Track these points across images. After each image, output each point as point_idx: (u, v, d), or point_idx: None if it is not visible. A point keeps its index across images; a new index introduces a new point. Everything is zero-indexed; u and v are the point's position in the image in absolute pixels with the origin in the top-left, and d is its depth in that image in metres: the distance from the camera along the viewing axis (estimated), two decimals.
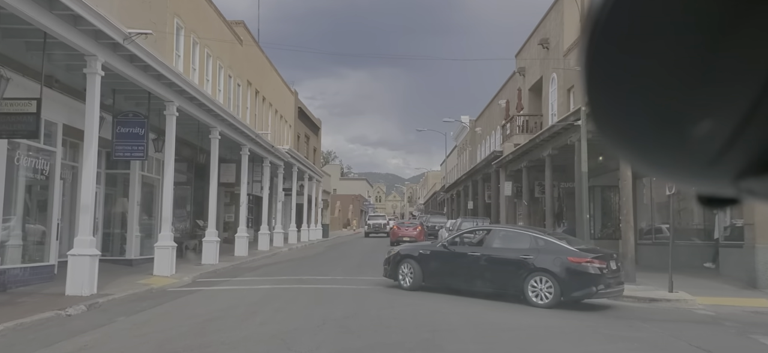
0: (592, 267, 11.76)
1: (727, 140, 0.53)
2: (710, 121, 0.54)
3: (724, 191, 0.60)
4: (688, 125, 0.55)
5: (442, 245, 14.66)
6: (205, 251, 20.32)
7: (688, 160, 0.58)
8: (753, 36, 0.49)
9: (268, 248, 28.05)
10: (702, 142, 0.55)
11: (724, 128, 0.53)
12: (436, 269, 13.92)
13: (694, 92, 0.53)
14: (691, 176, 0.61)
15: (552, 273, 11.93)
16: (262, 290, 14.09)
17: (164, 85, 15.89)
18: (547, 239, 12.95)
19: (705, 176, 0.59)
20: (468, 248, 13.98)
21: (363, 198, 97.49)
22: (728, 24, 0.49)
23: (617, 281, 12.32)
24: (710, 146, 0.54)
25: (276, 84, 41.31)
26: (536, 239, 12.89)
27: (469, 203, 42.38)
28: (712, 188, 0.62)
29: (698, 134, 0.54)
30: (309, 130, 54.28)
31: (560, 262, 11.97)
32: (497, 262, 12.84)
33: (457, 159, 64.28)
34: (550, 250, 12.33)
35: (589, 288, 11.75)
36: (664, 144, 0.58)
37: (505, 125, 35.09)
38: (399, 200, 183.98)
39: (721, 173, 0.57)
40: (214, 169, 21.13)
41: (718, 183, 0.59)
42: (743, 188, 0.58)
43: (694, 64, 0.52)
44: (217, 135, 20.94)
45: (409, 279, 14.02)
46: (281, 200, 32.58)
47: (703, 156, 0.56)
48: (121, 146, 16.48)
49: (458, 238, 15.03)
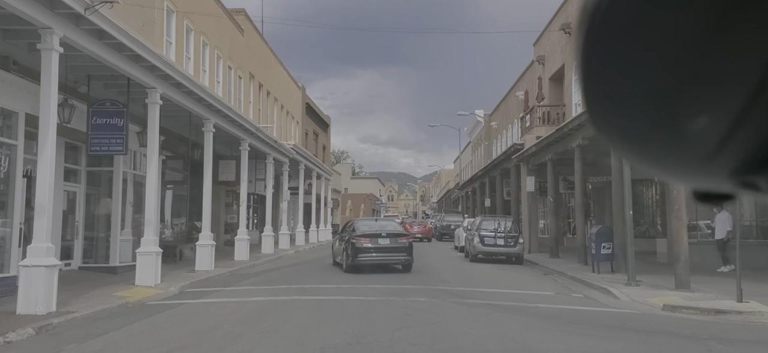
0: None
1: (723, 136, 0.53)
2: (706, 117, 0.54)
3: (721, 187, 0.60)
4: (684, 122, 0.55)
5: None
6: (199, 257, 18.34)
7: (685, 156, 0.58)
8: (748, 31, 0.49)
9: (272, 252, 26.06)
10: (698, 138, 0.55)
11: (720, 124, 0.53)
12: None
13: (690, 88, 0.53)
14: (688, 172, 0.61)
15: None
16: (255, 303, 12.06)
17: (144, 68, 13.90)
18: None
19: (701, 172, 0.59)
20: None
21: (375, 197, 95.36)
22: (724, 19, 0.49)
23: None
24: (707, 142, 0.54)
25: (281, 78, 39.34)
26: None
27: (486, 201, 40.15)
28: (709, 184, 0.62)
29: (695, 130, 0.54)
30: (318, 127, 52.28)
31: None
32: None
33: (471, 155, 62.05)
34: None
35: None
36: (661, 140, 0.58)
37: (525, 117, 32.91)
38: (411, 198, 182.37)
39: (717, 168, 0.57)
40: (208, 165, 19.16)
41: (715, 179, 0.59)
42: (739, 184, 0.58)
43: (690, 61, 0.51)
44: (212, 128, 18.96)
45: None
46: (287, 200, 30.61)
47: (699, 152, 0.56)
48: (97, 139, 14.53)
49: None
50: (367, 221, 20.46)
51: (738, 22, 0.49)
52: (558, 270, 19.14)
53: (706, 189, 0.63)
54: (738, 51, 0.50)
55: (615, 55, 0.55)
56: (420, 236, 40.05)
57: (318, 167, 38.90)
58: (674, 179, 0.66)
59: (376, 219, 22.43)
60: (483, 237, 21.78)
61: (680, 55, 0.52)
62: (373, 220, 21.91)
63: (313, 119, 50.18)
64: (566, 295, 13.99)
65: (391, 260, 18.02)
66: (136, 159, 18.63)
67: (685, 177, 0.63)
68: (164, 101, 15.30)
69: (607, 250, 17.44)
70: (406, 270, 18.15)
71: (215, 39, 25.59)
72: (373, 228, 18.56)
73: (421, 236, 40.26)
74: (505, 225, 21.94)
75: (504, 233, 21.72)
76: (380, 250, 17.82)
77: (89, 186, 17.37)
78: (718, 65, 0.51)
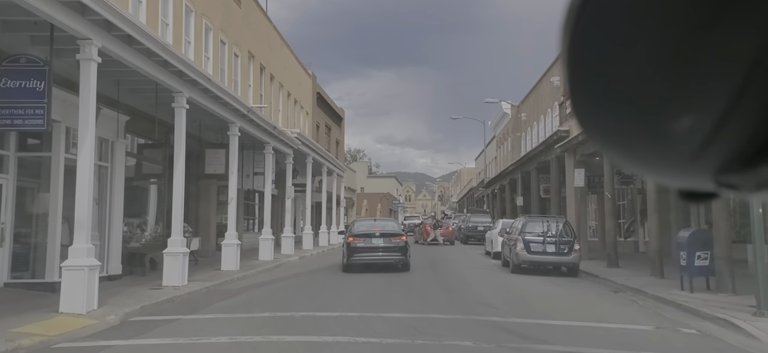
0: None
1: (707, 136, 0.53)
2: (691, 116, 0.54)
3: (705, 186, 0.60)
4: (669, 121, 0.55)
5: None
6: (167, 268, 14.21)
7: (670, 155, 0.58)
8: (731, 33, 0.49)
9: (271, 259, 21.93)
10: (683, 137, 0.55)
11: (704, 124, 0.53)
12: None
13: (676, 88, 0.53)
14: (673, 171, 0.61)
15: None
16: (209, 350, 7.88)
17: (64, 6, 9.77)
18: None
19: (686, 171, 0.59)
20: None
21: (392, 197, 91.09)
22: (708, 20, 0.49)
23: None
24: (691, 141, 0.55)
25: (289, 63, 35.22)
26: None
27: (518, 200, 35.65)
28: (693, 183, 0.62)
29: (679, 130, 0.55)
30: (330, 120, 48.10)
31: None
32: None
33: (496, 151, 57.55)
34: None
35: None
36: (646, 139, 0.58)
37: (565, 102, 28.58)
38: (429, 199, 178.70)
39: (701, 168, 0.57)
40: (180, 150, 15.01)
41: (699, 178, 0.59)
42: (723, 183, 0.58)
43: (674, 60, 0.52)
44: (184, 104, 14.81)
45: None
46: (291, 197, 26.44)
47: (684, 151, 0.56)
48: (7, 110, 10.45)
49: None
50: (364, 222, 20.18)
51: (722, 23, 0.49)
52: (631, 286, 14.76)
53: (691, 188, 0.63)
54: (722, 51, 0.50)
55: (601, 55, 0.55)
56: (441, 239, 35.73)
57: (328, 162, 34.68)
58: (659, 178, 0.65)
59: (375, 219, 21.66)
60: (528, 243, 17.46)
61: (665, 55, 0.51)
62: (372, 220, 21.17)
63: (325, 111, 46.03)
64: (673, 331, 9.61)
65: (385, 259, 17.84)
66: (100, 146, 14.61)
67: (670, 176, 0.63)
68: (109, 60, 11.23)
69: (704, 261, 13.06)
70: (404, 269, 17.91)
71: (203, 6, 21.51)
72: (368, 228, 18.43)
73: (442, 239, 35.88)
74: (556, 228, 17.59)
75: (555, 238, 17.40)
76: (374, 250, 17.75)
77: (21, 177, 13.35)
78: (703, 65, 0.51)
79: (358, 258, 17.73)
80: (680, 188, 0.65)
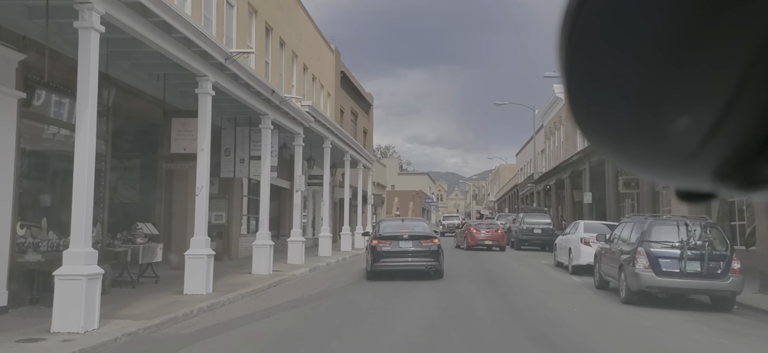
0: None
1: (704, 136, 0.54)
2: (688, 117, 0.54)
3: (702, 186, 0.60)
4: (666, 122, 0.55)
5: None
6: (58, 303, 8.23)
7: (667, 156, 0.59)
8: (728, 33, 0.49)
9: (268, 272, 15.93)
10: (680, 138, 0.55)
11: (701, 124, 0.53)
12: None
13: (672, 89, 0.53)
14: (670, 171, 0.61)
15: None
16: None
17: None
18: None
19: (683, 171, 0.59)
20: None
21: (425, 195, 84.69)
22: (704, 21, 0.49)
23: None
24: (688, 142, 0.55)
25: (306, 30, 29.23)
26: None
27: (585, 196, 29.08)
28: (691, 183, 0.62)
29: (677, 131, 0.55)
30: (356, 105, 41.97)
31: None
32: None
33: (544, 143, 50.87)
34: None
35: None
36: (644, 140, 0.58)
37: None
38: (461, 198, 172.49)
39: (699, 168, 0.57)
40: (87, 95, 8.99)
41: (696, 178, 0.59)
42: (721, 183, 0.58)
43: (671, 61, 0.52)
44: (93, 22, 8.80)
45: None
46: (301, 190, 20.42)
47: (681, 152, 0.56)
48: None
49: None
50: (391, 222, 18.13)
51: (718, 24, 0.48)
52: None
53: (689, 188, 0.63)
54: (718, 53, 0.50)
55: (598, 56, 0.55)
56: (489, 243, 29.03)
57: (353, 148, 28.52)
58: (657, 179, 0.65)
59: (402, 220, 18.96)
60: (657, 258, 11.10)
61: (662, 56, 0.51)
62: (399, 220, 18.66)
63: (350, 94, 39.94)
64: None
65: (415, 266, 15.83)
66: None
67: (668, 177, 0.63)
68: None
69: None
70: (437, 276, 15.80)
71: None
72: (396, 230, 16.56)
73: (490, 242, 29.13)
74: (701, 237, 11.13)
75: (700, 253, 10.99)
76: (402, 254, 15.83)
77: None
78: (700, 66, 0.51)
79: (383, 264, 15.77)
80: (678, 189, 0.64)
